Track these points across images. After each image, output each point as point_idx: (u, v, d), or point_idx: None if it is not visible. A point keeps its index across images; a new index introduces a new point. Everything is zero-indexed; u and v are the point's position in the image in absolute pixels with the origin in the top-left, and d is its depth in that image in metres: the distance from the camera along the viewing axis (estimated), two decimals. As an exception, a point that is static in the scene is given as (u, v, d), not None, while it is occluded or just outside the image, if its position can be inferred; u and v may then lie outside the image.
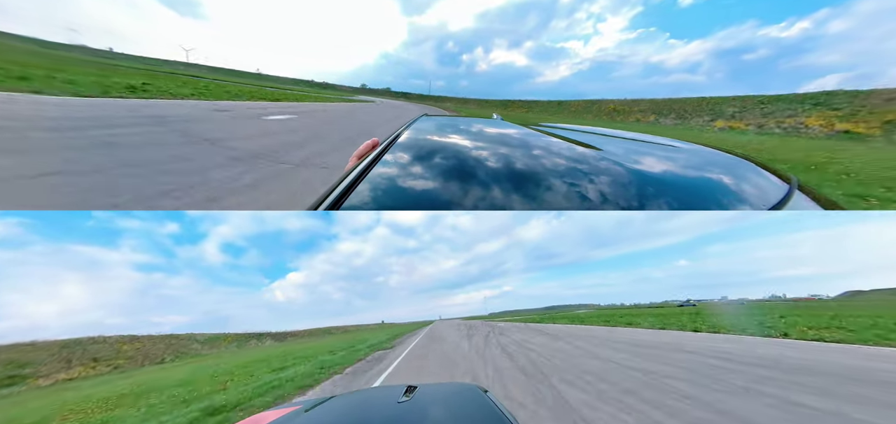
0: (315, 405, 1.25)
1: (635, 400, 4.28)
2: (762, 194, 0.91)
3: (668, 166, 1.03)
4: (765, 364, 6.03)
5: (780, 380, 4.90)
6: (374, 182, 0.82)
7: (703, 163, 1.12)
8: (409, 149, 1.08)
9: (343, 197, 0.74)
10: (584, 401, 4.33)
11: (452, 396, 1.29)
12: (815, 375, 5.13)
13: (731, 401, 4.08)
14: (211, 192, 5.71)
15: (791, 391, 4.37)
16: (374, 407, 1.25)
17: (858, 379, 4.80)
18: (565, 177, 0.83)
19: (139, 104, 15.08)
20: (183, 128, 10.88)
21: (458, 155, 1.02)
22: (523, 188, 0.78)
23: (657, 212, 0.68)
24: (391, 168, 0.92)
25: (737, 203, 0.82)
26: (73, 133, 8.26)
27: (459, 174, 0.85)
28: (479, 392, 1.21)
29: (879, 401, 3.87)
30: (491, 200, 0.71)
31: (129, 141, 8.30)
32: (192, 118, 13.13)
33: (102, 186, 5.32)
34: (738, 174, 1.03)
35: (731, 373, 5.42)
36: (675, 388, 4.72)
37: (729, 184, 0.93)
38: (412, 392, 1.25)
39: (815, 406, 3.78)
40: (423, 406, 1.12)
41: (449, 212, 3.35)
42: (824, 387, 4.45)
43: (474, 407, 1.08)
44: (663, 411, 3.86)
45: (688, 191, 0.84)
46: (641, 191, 0.80)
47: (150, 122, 11.11)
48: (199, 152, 8.17)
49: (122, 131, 9.21)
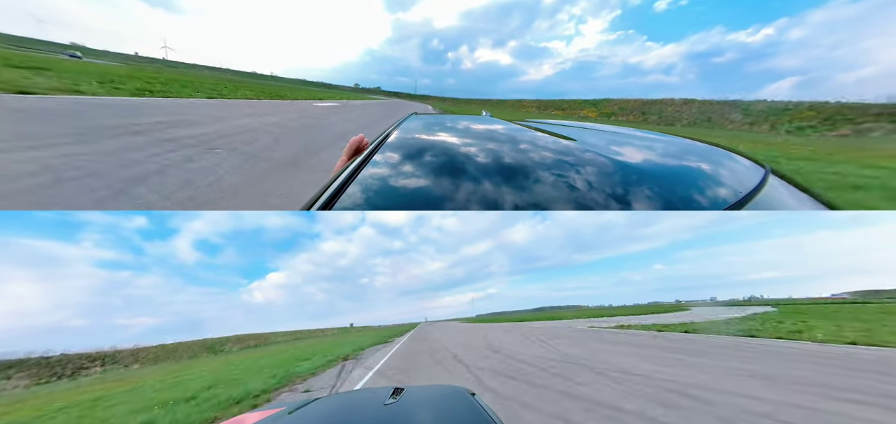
0: (299, 407, 1.23)
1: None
2: (740, 179, 0.93)
3: (648, 155, 1.05)
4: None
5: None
6: (365, 182, 0.81)
7: (681, 152, 1.15)
8: (399, 149, 1.07)
9: (335, 197, 0.74)
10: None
11: (439, 398, 1.28)
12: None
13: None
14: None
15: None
16: (360, 409, 1.23)
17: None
18: (552, 172, 0.83)
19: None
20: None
21: (448, 155, 1.01)
22: (511, 184, 0.77)
23: (639, 207, 0.68)
24: (382, 168, 0.91)
25: (716, 187, 0.84)
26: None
27: (449, 174, 0.84)
28: (466, 394, 1.21)
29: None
30: (479, 199, 0.71)
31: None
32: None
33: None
34: (715, 161, 1.06)
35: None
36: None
37: (708, 171, 0.96)
38: (399, 394, 1.24)
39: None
40: (409, 408, 1.11)
41: (437, 213, 3.35)
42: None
43: (461, 410, 1.07)
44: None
45: (669, 180, 0.86)
46: (625, 180, 0.81)
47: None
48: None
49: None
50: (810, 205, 0.98)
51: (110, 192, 5.52)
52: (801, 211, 0.91)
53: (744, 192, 0.81)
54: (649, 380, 5.37)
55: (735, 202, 0.76)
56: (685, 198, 0.74)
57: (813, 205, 0.98)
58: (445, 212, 3.42)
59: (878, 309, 23.35)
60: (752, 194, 0.81)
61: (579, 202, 0.68)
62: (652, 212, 0.70)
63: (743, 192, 0.81)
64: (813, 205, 0.98)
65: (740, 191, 0.83)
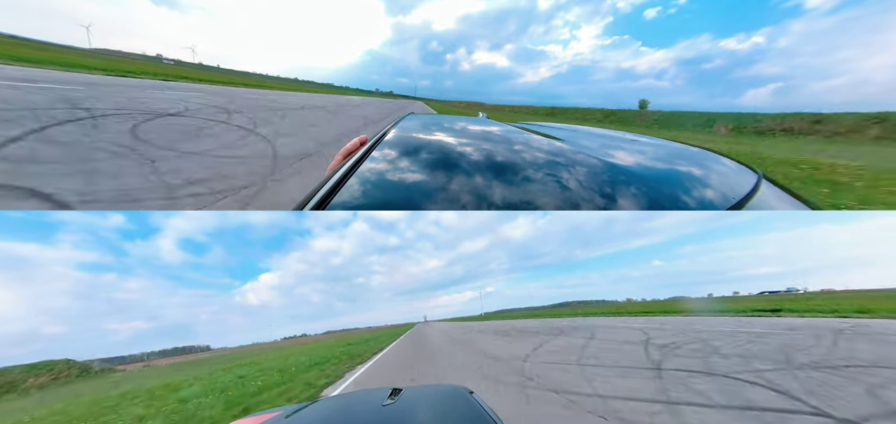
0: (297, 410, 1.21)
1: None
2: (732, 184, 0.95)
3: (640, 159, 1.05)
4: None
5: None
6: (361, 182, 0.81)
7: (671, 156, 1.16)
8: (396, 148, 1.07)
9: (330, 196, 0.73)
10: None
11: (438, 398, 1.27)
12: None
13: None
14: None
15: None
16: (359, 411, 1.22)
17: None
18: (549, 175, 0.84)
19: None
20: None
21: (445, 155, 1.01)
22: (508, 186, 0.78)
23: (635, 206, 0.69)
24: (378, 168, 0.90)
25: (714, 189, 0.87)
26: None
27: (446, 174, 0.85)
28: (465, 393, 1.19)
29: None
30: (477, 199, 0.71)
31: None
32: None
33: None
34: (707, 166, 1.07)
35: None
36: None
37: (700, 176, 0.97)
38: (397, 394, 1.23)
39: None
40: (408, 408, 1.10)
41: (434, 212, 3.32)
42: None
43: (461, 409, 1.06)
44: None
45: (663, 182, 0.87)
46: (622, 181, 0.82)
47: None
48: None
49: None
50: (798, 206, 1.00)
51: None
52: (791, 211, 0.93)
53: (741, 195, 0.84)
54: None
55: (734, 203, 0.78)
56: (685, 199, 0.75)
57: (800, 207, 1.00)
58: (445, 211, 3.33)
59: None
60: (749, 196, 0.84)
61: (577, 202, 0.69)
62: (651, 212, 0.71)
63: (740, 195, 0.84)
64: (800, 206, 1.00)
65: (738, 192, 0.86)
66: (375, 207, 0.69)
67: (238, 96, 23.64)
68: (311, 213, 0.71)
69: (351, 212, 0.74)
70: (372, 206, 0.69)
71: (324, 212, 0.71)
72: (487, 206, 0.68)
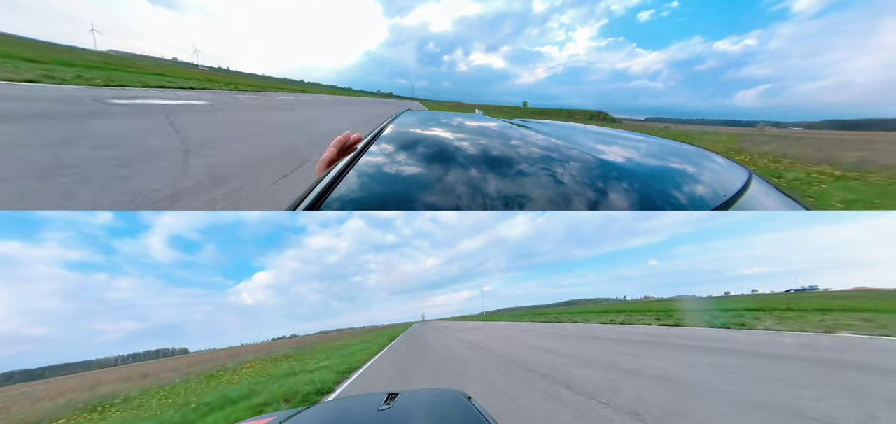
0: (290, 416, 1.19)
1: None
2: (723, 181, 0.95)
3: (634, 155, 1.06)
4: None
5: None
6: (358, 180, 0.79)
7: (666, 154, 1.16)
8: (392, 145, 1.05)
9: (325, 194, 0.71)
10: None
11: (435, 403, 1.25)
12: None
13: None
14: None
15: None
16: (354, 417, 1.20)
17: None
18: (546, 173, 0.83)
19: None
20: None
21: (441, 153, 1.00)
22: (505, 184, 0.77)
23: (633, 205, 0.69)
24: (374, 164, 0.89)
25: (705, 187, 0.87)
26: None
27: (442, 172, 0.83)
28: (462, 398, 1.17)
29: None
30: (474, 198, 0.70)
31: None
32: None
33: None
34: (699, 163, 1.07)
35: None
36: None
37: (693, 173, 0.97)
38: (394, 399, 1.20)
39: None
40: (405, 413, 1.08)
41: (431, 212, 3.26)
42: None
43: (458, 414, 1.05)
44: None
45: (660, 181, 0.87)
46: (620, 179, 0.81)
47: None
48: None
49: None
50: (790, 205, 1.00)
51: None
52: (782, 210, 0.93)
53: (731, 192, 0.83)
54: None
55: (724, 201, 0.77)
56: (677, 197, 0.75)
57: (792, 206, 1.00)
58: (442, 212, 3.25)
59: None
60: (739, 194, 0.83)
61: (575, 201, 0.69)
62: (648, 213, 0.70)
63: (731, 192, 0.83)
64: (792, 205, 1.00)
65: (729, 190, 0.85)
66: (372, 206, 0.67)
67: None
68: (306, 213, 0.69)
69: (347, 211, 0.74)
70: (368, 205, 0.68)
71: (319, 212, 0.69)
72: (485, 205, 0.67)
